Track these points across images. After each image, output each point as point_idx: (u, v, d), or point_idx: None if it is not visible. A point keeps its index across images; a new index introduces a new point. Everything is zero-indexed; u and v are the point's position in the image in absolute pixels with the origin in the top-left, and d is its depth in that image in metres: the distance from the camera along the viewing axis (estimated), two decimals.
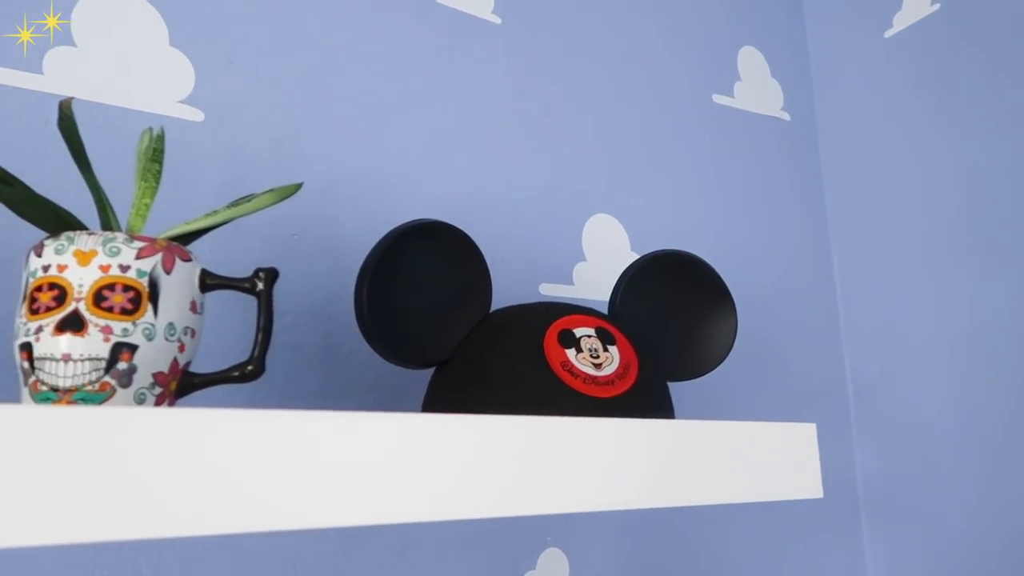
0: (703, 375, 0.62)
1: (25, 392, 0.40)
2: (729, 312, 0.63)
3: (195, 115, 0.64)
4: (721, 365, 0.63)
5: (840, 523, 0.96)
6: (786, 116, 1.08)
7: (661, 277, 0.62)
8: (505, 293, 0.72)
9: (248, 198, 0.50)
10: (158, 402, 0.43)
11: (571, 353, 0.54)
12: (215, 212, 0.49)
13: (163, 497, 0.30)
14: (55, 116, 0.59)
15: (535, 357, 0.53)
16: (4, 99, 0.57)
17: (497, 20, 0.84)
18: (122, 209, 0.49)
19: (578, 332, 0.55)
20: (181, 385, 0.44)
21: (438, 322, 0.56)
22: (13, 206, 0.42)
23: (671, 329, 0.62)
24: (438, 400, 0.56)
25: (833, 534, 0.95)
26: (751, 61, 1.07)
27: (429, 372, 0.66)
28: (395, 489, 0.36)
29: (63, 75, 0.59)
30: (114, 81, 0.61)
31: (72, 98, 0.45)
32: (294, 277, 0.66)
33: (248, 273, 0.52)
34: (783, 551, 0.90)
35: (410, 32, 0.78)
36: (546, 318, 0.56)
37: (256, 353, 0.46)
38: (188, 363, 0.45)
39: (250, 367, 0.46)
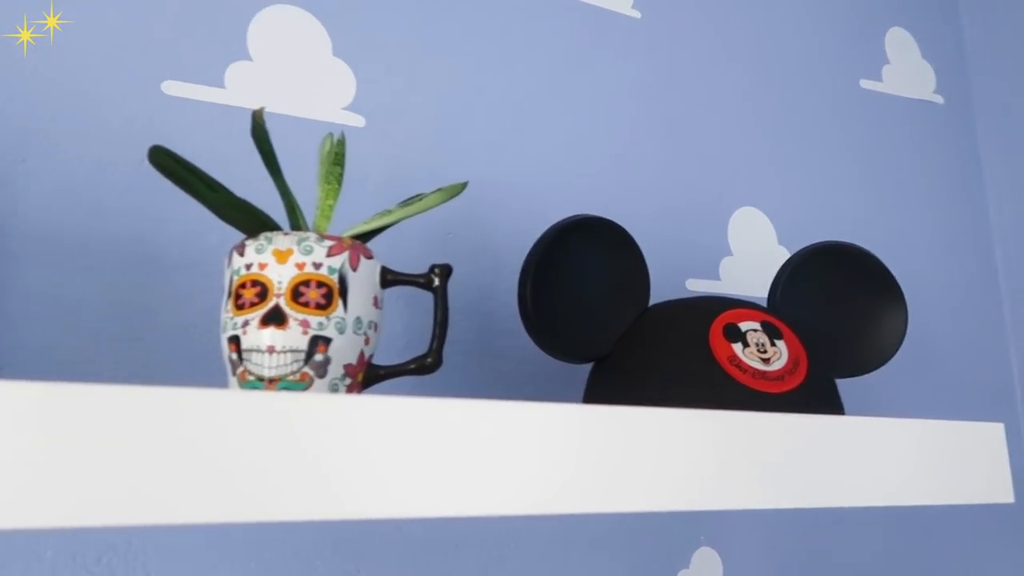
0: (873, 371, 0.60)
1: (233, 381, 0.44)
2: (899, 305, 0.60)
3: (357, 121, 0.67)
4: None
5: (1010, 528, 0.90)
6: (939, 99, 1.02)
7: (826, 269, 0.60)
8: (652, 289, 0.72)
9: (418, 198, 0.52)
10: (348, 392, 0.45)
11: (738, 347, 0.53)
12: (388, 212, 0.51)
13: (348, 480, 0.32)
14: (238, 128, 0.63)
15: (701, 351, 0.52)
16: (193, 113, 0.61)
17: (637, 14, 0.84)
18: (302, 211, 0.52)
19: (743, 326, 0.54)
20: (367, 376, 0.47)
21: (599, 316, 0.56)
22: (217, 210, 0.46)
23: (838, 323, 0.59)
24: (600, 395, 0.56)
25: (996, 541, 0.89)
26: (900, 43, 1.01)
27: (583, 368, 0.67)
28: (554, 480, 0.37)
29: (242, 88, 0.63)
30: (285, 92, 0.65)
31: (263, 108, 0.48)
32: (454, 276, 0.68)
33: (422, 270, 0.54)
34: (957, 557, 0.85)
35: (553, 30, 0.78)
36: (709, 312, 0.55)
37: (434, 346, 0.48)
38: (371, 355, 0.47)
39: (429, 359, 0.48)
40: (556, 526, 0.67)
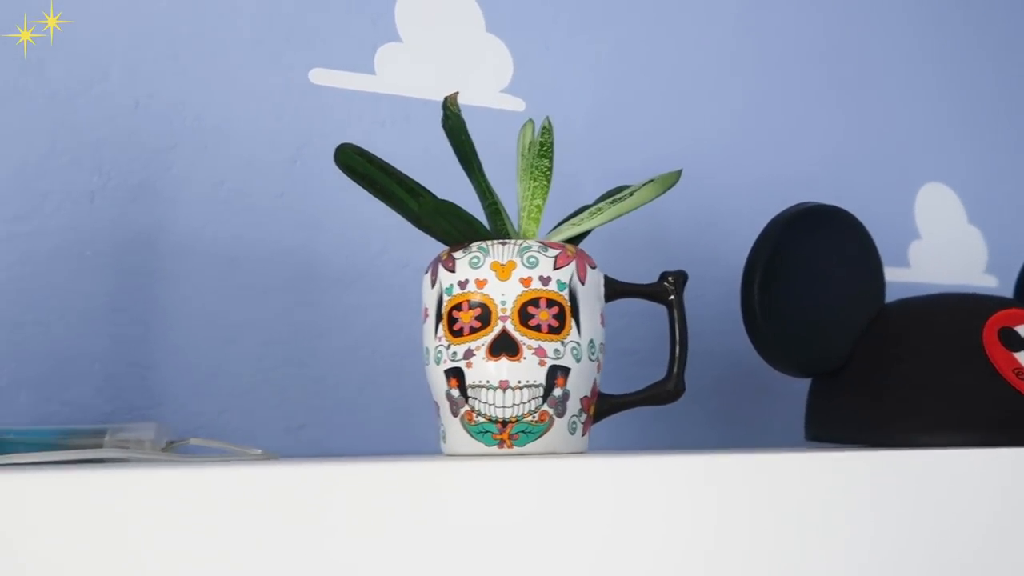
0: None
1: (454, 423, 0.37)
2: None
3: (516, 104, 0.59)
4: None
5: None
6: None
7: None
8: None
9: (627, 191, 0.44)
10: (584, 430, 0.38)
11: (1021, 357, 0.44)
12: (599, 210, 0.43)
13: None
14: (390, 118, 0.56)
15: (976, 363, 0.44)
16: (343, 103, 0.54)
17: None
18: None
19: (1022, 331, 0.45)
20: (598, 409, 0.39)
21: (833, 320, 0.48)
22: (419, 218, 0.38)
23: None
24: (840, 414, 0.48)
25: None
26: None
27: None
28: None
29: (393, 73, 0.56)
30: (437, 75, 0.57)
31: (456, 93, 0.41)
32: (621, 275, 0.60)
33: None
34: None
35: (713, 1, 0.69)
36: (974, 314, 0.46)
37: (674, 370, 0.40)
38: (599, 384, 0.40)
39: (669, 386, 0.40)
40: None
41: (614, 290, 0.40)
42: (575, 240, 0.43)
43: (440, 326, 0.37)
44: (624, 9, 0.65)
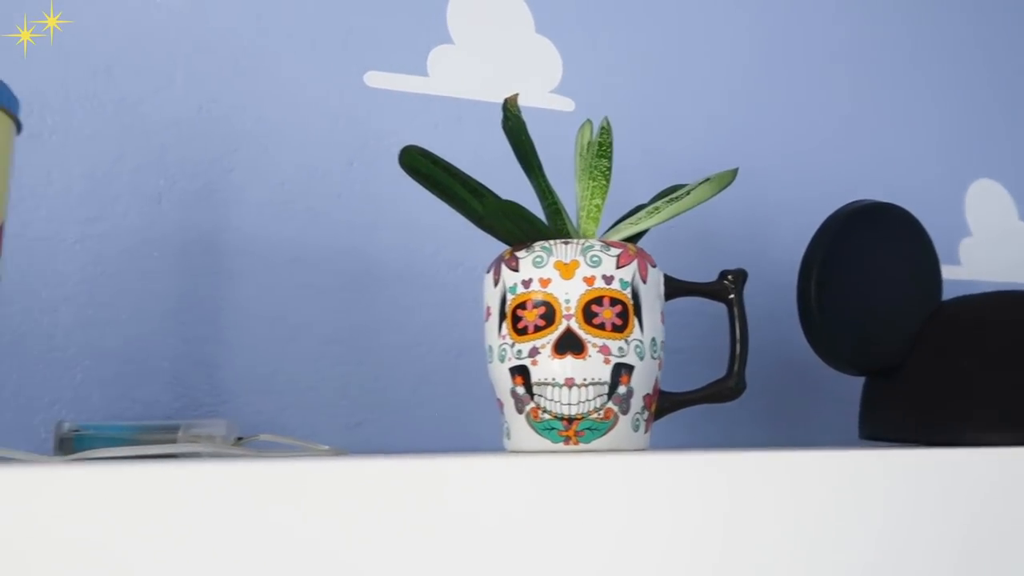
0: None
1: (519, 419, 0.37)
2: None
3: (565, 104, 0.60)
4: None
5: None
6: None
7: None
8: None
9: (683, 190, 0.44)
10: (646, 428, 0.38)
11: None
12: (656, 209, 0.43)
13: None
14: (443, 119, 0.57)
15: None
16: (397, 105, 0.55)
17: None
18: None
19: None
20: (659, 407, 0.40)
21: (891, 317, 0.47)
22: (483, 219, 0.39)
23: None
24: (896, 413, 0.47)
25: None
26: None
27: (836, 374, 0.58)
28: None
29: (445, 75, 0.57)
30: (488, 76, 0.58)
31: (516, 94, 0.41)
32: (674, 272, 0.60)
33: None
34: None
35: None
36: None
37: (735, 368, 0.40)
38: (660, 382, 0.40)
39: (730, 384, 0.40)
40: None
41: (673, 288, 0.41)
42: (632, 239, 0.43)
43: (504, 324, 0.38)
44: (672, 8, 0.65)
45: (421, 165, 0.39)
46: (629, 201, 0.47)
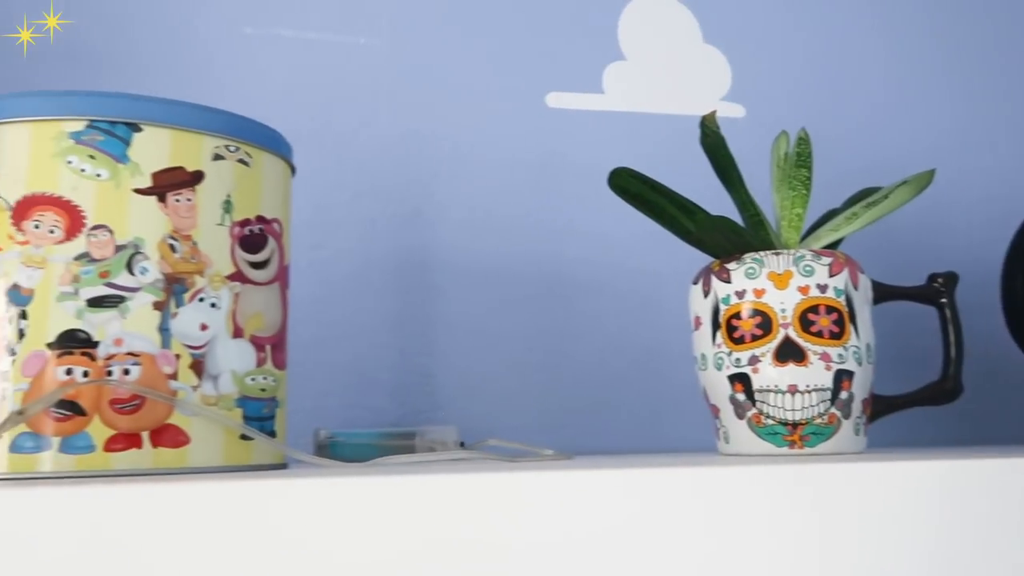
0: None
1: (739, 424, 0.39)
2: None
3: (736, 111, 0.61)
4: None
5: None
6: None
7: None
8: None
9: (880, 193, 0.45)
10: (864, 431, 0.39)
11: None
12: (854, 215, 0.44)
13: None
14: (621, 135, 0.59)
15: None
16: (577, 124, 0.58)
17: None
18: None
19: None
20: (875, 410, 0.40)
21: None
22: (694, 236, 0.41)
23: None
24: None
25: None
26: None
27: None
28: None
29: (620, 91, 0.59)
30: (660, 89, 0.60)
31: (715, 111, 0.43)
32: None
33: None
34: None
35: None
36: None
37: (951, 371, 0.41)
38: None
39: (947, 386, 0.40)
40: None
41: (881, 293, 0.41)
42: (831, 246, 0.44)
43: (718, 334, 0.40)
44: (837, 10, 0.65)
45: (631, 185, 0.41)
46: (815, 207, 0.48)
